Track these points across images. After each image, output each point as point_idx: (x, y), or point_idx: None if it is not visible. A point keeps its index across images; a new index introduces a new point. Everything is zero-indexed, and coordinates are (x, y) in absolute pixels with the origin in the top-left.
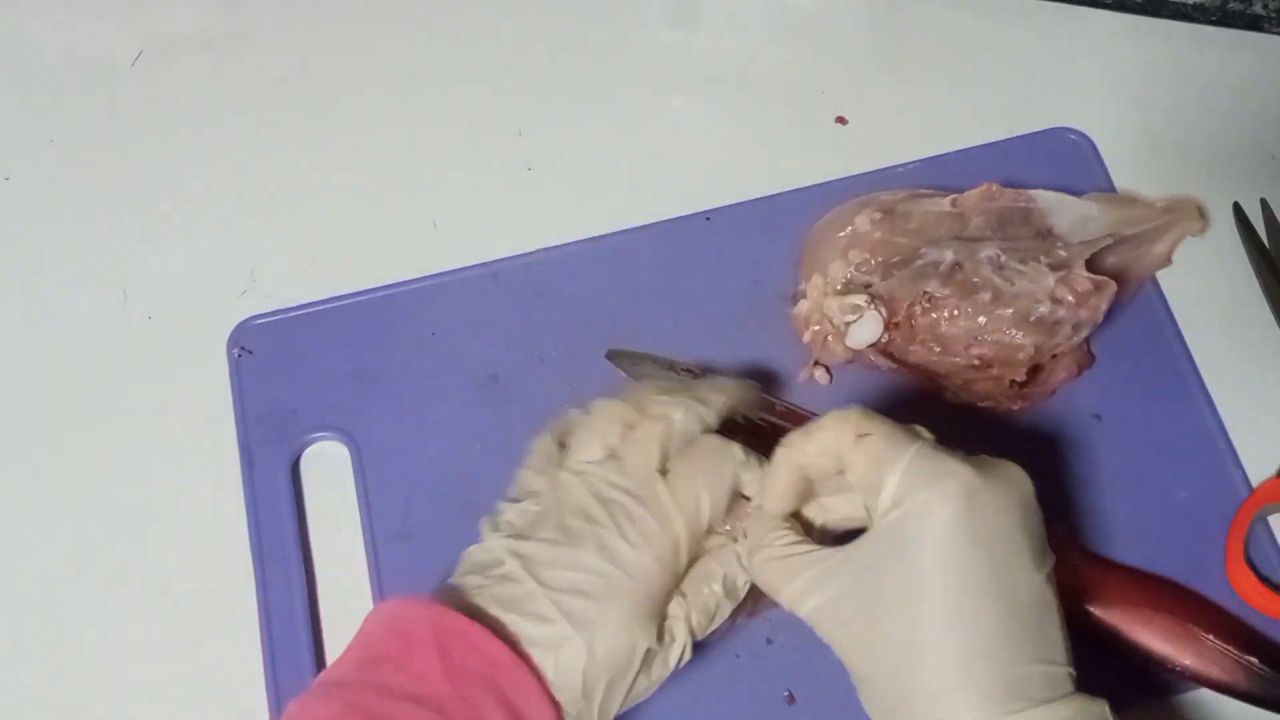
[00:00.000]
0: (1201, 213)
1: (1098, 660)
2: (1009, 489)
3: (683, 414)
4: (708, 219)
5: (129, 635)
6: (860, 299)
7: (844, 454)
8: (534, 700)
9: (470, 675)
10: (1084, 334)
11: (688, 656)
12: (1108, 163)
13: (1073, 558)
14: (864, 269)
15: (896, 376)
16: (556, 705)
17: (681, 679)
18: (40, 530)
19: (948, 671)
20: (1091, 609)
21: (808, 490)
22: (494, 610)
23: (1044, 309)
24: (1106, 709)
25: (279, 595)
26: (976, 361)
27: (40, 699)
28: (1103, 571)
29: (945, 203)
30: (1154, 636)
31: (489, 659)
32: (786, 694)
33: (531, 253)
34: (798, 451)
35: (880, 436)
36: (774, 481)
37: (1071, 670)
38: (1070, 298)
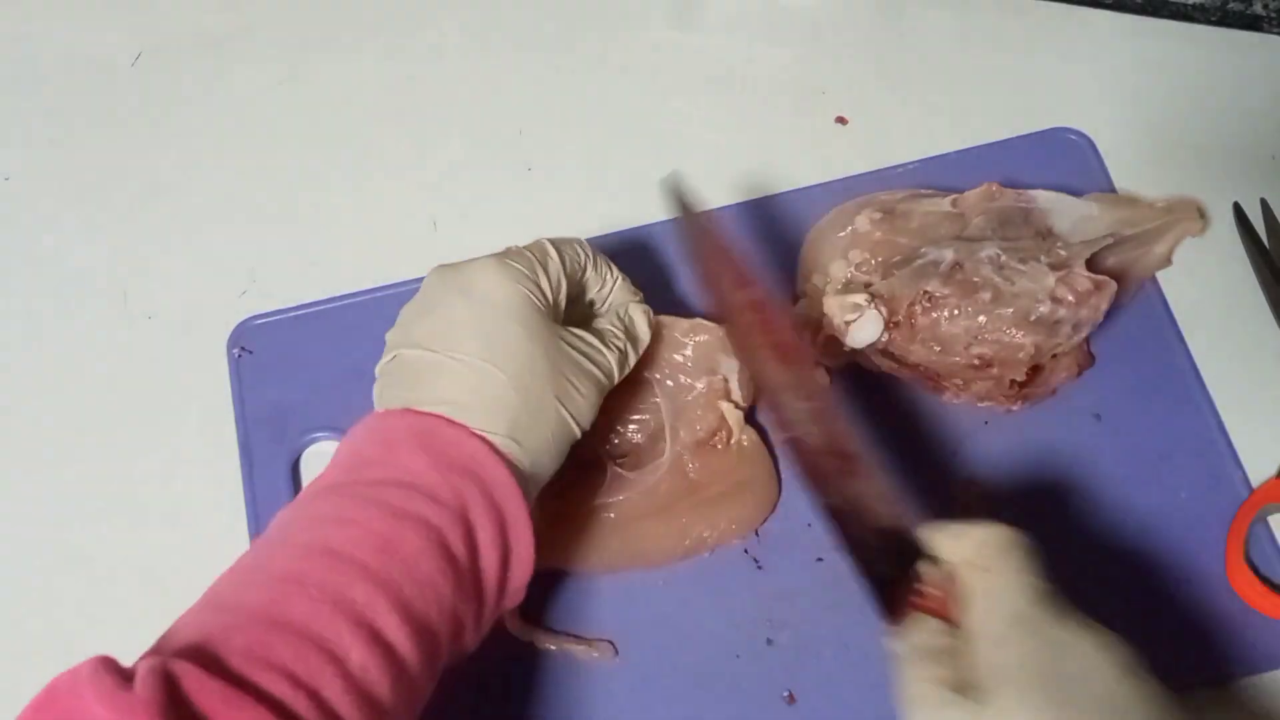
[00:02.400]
0: (1201, 213)
1: None
2: (1087, 663)
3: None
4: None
5: (128, 635)
6: (860, 298)
7: (960, 572)
8: (508, 488)
9: (454, 467)
10: (1084, 334)
11: (632, 359)
12: (1108, 163)
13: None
14: (864, 269)
15: (897, 376)
16: (524, 495)
17: (682, 678)
18: (40, 530)
19: None
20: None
21: None
22: (430, 407)
23: (1044, 309)
24: None
25: None
26: (976, 361)
27: None
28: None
29: (945, 203)
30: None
31: (466, 451)
32: (786, 694)
33: None
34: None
35: (998, 584)
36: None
37: None
38: (1070, 297)
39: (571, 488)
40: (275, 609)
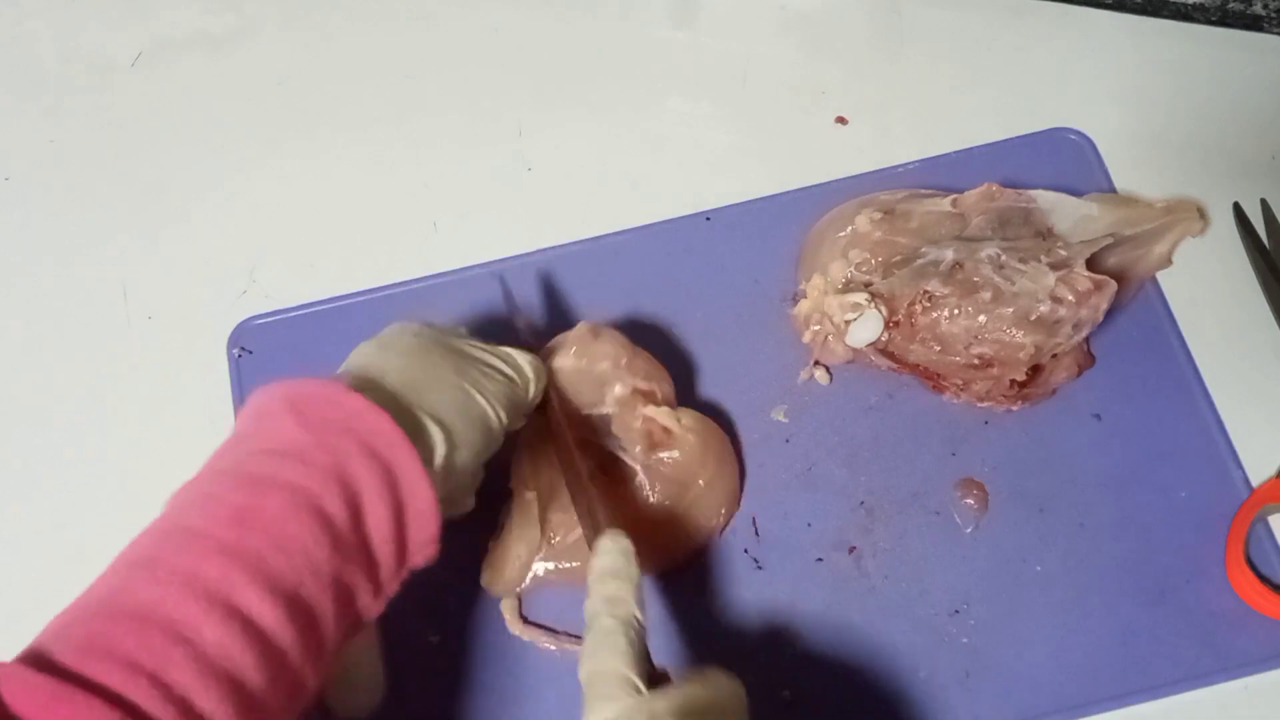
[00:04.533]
0: (1201, 213)
1: None
2: None
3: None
4: (708, 219)
5: None
6: (860, 297)
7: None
8: (392, 436)
9: (328, 427)
10: (1084, 333)
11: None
12: (1108, 163)
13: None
14: (864, 269)
15: (897, 376)
16: (417, 449)
17: None
18: (40, 530)
19: None
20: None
21: None
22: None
23: (1044, 308)
24: None
25: None
26: (976, 361)
27: None
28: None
29: (945, 203)
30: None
31: (345, 409)
32: (786, 694)
33: (531, 253)
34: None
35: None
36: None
37: None
38: (1070, 297)
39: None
40: (120, 596)
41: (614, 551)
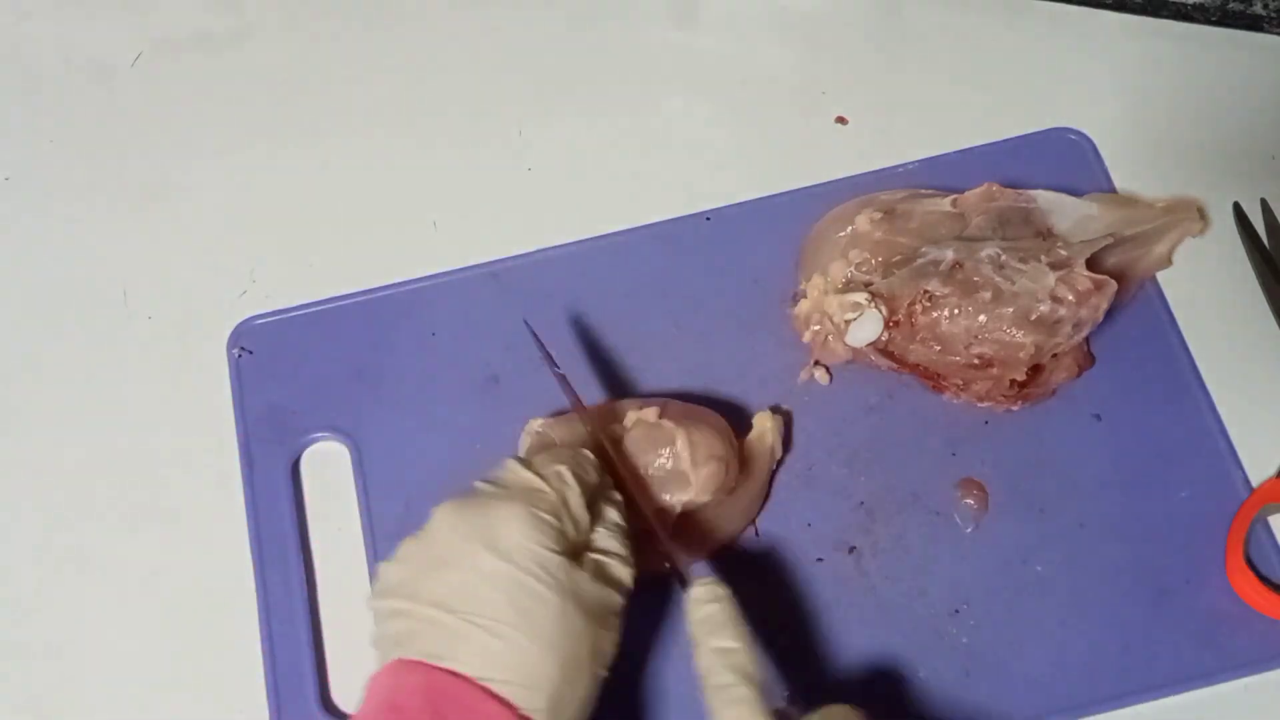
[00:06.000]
0: (1201, 213)
1: None
2: None
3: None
4: (708, 219)
5: (129, 635)
6: (861, 297)
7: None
8: None
9: None
10: (1084, 333)
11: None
12: (1108, 163)
13: None
14: (864, 269)
15: (897, 376)
16: None
17: (683, 678)
18: (40, 530)
19: None
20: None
21: None
22: (432, 658)
23: (1044, 308)
24: None
25: (279, 595)
26: (977, 360)
27: (40, 699)
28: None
29: (945, 203)
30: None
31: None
32: (785, 694)
33: (531, 253)
34: None
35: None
36: None
37: None
38: (1070, 297)
39: None
40: None
41: (715, 601)
